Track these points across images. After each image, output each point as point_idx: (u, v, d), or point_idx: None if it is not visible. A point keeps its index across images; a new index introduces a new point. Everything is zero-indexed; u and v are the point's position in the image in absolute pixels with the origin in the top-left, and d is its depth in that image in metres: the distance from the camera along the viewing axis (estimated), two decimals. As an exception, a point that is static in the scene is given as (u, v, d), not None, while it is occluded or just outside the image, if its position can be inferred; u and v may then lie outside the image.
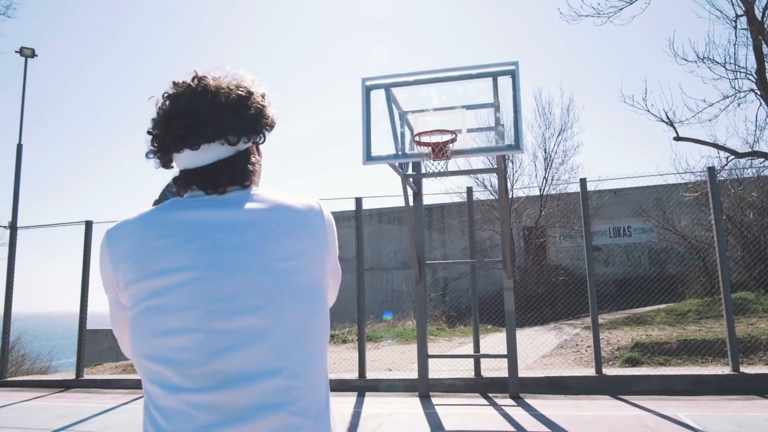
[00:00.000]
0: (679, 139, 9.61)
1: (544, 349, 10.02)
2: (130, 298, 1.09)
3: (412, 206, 7.28)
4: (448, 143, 5.63)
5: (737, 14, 9.71)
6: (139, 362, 1.07)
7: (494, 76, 5.91)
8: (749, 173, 13.56)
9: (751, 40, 9.44)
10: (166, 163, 1.19)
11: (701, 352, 8.31)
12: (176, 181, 1.21)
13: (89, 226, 9.68)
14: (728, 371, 7.01)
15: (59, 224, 10.06)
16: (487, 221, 17.88)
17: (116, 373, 10.36)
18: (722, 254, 7.27)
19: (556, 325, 13.20)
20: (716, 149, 10.19)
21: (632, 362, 8.30)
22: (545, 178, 18.07)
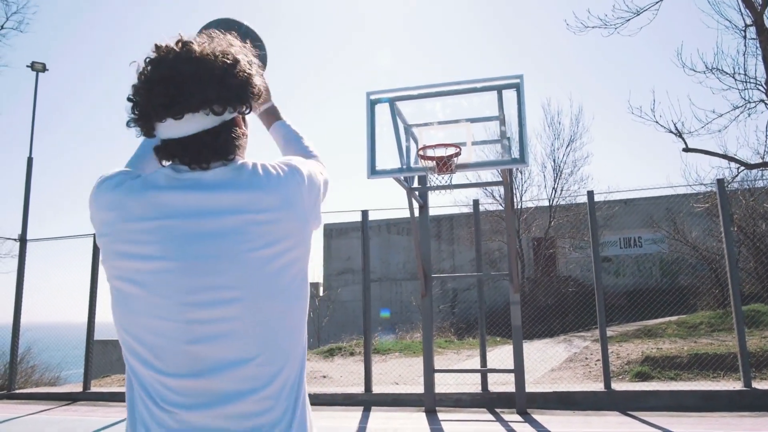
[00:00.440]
0: (688, 150, 9.53)
1: (553, 362, 9.91)
2: (106, 267, 1.10)
3: (417, 219, 7.25)
4: (452, 157, 5.60)
5: (746, 24, 9.65)
6: (118, 331, 1.09)
7: (499, 89, 5.89)
8: (761, 183, 13.42)
9: (760, 50, 9.37)
10: (147, 131, 1.13)
11: (713, 366, 8.17)
12: (158, 151, 1.16)
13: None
14: (740, 387, 6.88)
15: (68, 237, 10.13)
16: (495, 232, 17.80)
17: (123, 385, 10.36)
18: (732, 267, 7.17)
19: (566, 337, 13.07)
20: (726, 160, 10.08)
21: (642, 377, 8.18)
22: (554, 188, 18.01)
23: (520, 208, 17.85)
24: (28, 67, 11.08)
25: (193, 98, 1.08)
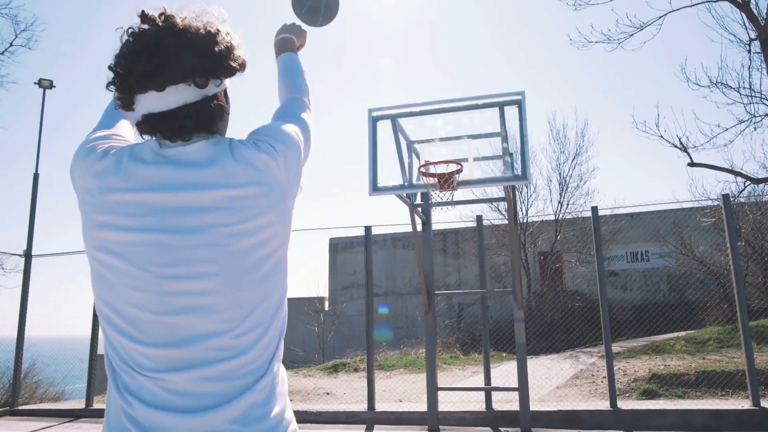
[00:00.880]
0: (693, 165, 9.47)
1: (558, 379, 9.80)
2: (86, 238, 1.10)
3: (420, 235, 7.22)
4: (453, 174, 5.58)
5: (750, 38, 9.62)
6: (96, 302, 1.11)
7: (500, 106, 5.88)
8: (768, 198, 13.31)
9: (765, 64, 9.33)
10: (127, 104, 1.12)
11: (721, 383, 8.05)
12: (139, 125, 1.15)
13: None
14: (748, 405, 6.77)
15: (73, 252, 10.16)
16: (502, 246, 17.72)
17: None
18: (739, 282, 7.09)
19: (572, 353, 12.94)
20: (732, 175, 10.01)
21: (649, 394, 8.06)
22: (560, 202, 17.93)
23: (525, 221, 17.77)
24: (35, 84, 11.19)
25: (175, 69, 1.07)
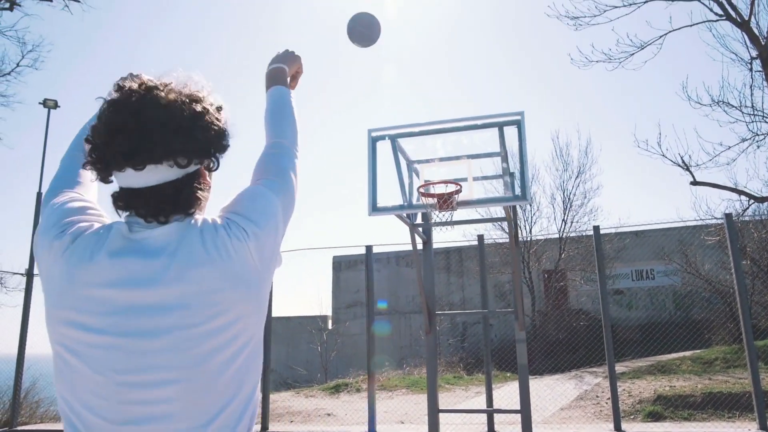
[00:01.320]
0: (696, 183, 9.43)
1: (562, 400, 9.67)
2: (49, 330, 1.04)
3: (421, 255, 7.18)
4: (453, 194, 5.56)
5: (751, 56, 9.63)
6: (58, 399, 1.06)
7: (500, 126, 5.87)
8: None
9: (766, 82, 9.33)
10: (104, 177, 1.06)
11: (728, 405, 7.92)
12: (115, 199, 1.08)
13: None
14: (755, 429, 6.65)
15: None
16: (505, 264, 17.63)
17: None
18: (743, 301, 7.01)
19: (577, 373, 12.79)
20: (736, 193, 9.96)
21: (654, 417, 7.94)
22: (564, 220, 17.88)
23: (530, 239, 17.70)
24: (40, 104, 11.29)
25: (156, 149, 1.00)
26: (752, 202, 9.81)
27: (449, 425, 7.74)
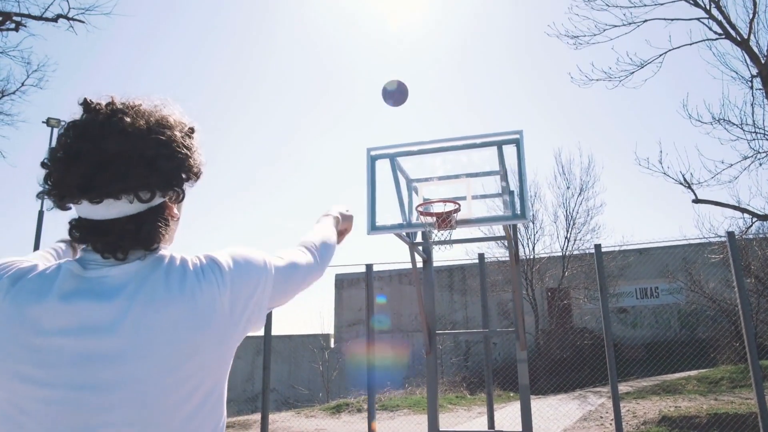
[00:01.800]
0: (698, 201, 9.40)
1: (566, 421, 9.55)
2: None
3: (421, 274, 7.15)
4: (452, 213, 5.55)
5: (752, 74, 9.66)
6: None
7: (499, 144, 5.87)
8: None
9: (767, 100, 9.34)
10: (61, 206, 0.97)
11: (733, 427, 7.80)
12: (72, 227, 0.98)
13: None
14: (762, 451, 6.53)
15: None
16: (508, 282, 17.53)
17: None
18: (747, 320, 6.93)
19: (581, 392, 12.65)
20: (738, 211, 9.93)
21: (659, 438, 7.82)
22: (567, 238, 17.82)
23: (533, 258, 17.63)
24: (43, 122, 11.40)
25: (114, 183, 0.92)
26: (755, 220, 9.77)
27: (451, 447, 7.63)
